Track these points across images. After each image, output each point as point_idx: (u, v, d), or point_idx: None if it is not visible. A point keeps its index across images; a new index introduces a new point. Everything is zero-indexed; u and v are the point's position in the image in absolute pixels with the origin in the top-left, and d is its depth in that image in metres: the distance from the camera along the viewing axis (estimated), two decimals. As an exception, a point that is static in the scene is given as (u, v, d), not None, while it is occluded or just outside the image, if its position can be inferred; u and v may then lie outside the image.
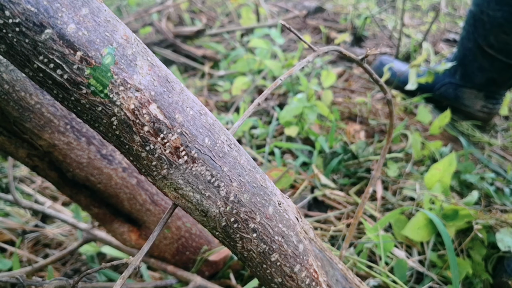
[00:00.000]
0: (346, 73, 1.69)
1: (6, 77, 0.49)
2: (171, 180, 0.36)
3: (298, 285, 0.45)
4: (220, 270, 0.82)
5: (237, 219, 0.39)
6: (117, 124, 0.33)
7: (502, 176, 1.09)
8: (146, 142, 0.34)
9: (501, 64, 1.17)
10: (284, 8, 2.37)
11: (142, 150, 0.34)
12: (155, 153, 0.34)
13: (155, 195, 0.68)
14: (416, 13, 2.43)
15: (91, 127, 0.34)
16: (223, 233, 0.40)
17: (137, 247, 0.72)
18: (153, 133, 0.34)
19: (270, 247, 0.42)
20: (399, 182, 1.06)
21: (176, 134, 0.34)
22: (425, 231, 0.82)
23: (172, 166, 0.35)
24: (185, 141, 0.35)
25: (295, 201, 1.00)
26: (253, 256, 0.42)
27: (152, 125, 0.33)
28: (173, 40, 1.87)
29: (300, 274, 0.44)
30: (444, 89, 1.33)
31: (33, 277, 0.61)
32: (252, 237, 0.41)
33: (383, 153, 0.60)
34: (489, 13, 1.11)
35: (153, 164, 0.35)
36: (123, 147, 0.35)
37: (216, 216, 0.38)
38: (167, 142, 0.34)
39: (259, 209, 0.40)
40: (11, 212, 1.06)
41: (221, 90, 1.60)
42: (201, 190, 0.37)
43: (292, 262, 0.44)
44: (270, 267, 0.43)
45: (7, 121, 0.53)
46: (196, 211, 0.38)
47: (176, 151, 0.35)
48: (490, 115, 1.30)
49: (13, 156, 0.59)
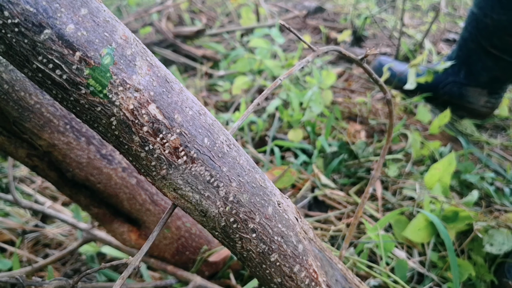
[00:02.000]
0: (346, 73, 1.69)
1: (5, 77, 0.49)
2: (170, 180, 0.36)
3: (298, 285, 0.45)
4: (220, 270, 0.82)
5: (236, 219, 0.39)
6: (116, 124, 0.33)
7: (502, 176, 1.09)
8: (145, 143, 0.34)
9: (506, 63, 1.18)
10: (284, 8, 2.37)
11: (141, 151, 0.34)
12: (154, 153, 0.34)
13: (155, 195, 0.68)
14: (416, 13, 2.43)
15: (91, 127, 0.34)
16: (222, 233, 0.40)
17: (137, 247, 0.72)
18: (152, 134, 0.34)
19: (269, 247, 0.42)
20: (398, 182, 1.06)
21: (175, 134, 0.34)
22: (425, 232, 0.82)
23: (171, 166, 0.35)
24: (184, 141, 0.35)
25: (296, 200, 1.00)
26: (253, 256, 0.42)
27: (151, 125, 0.33)
28: (173, 40, 1.87)
29: (299, 274, 0.44)
30: (449, 88, 1.34)
31: (33, 277, 0.61)
32: (251, 237, 0.41)
33: (383, 153, 0.60)
34: (493, 17, 1.11)
35: (152, 164, 0.35)
36: (122, 147, 0.35)
37: (216, 216, 0.38)
38: (166, 143, 0.34)
39: (258, 209, 0.40)
40: (11, 212, 1.06)
41: (221, 90, 1.60)
42: (200, 190, 0.37)
43: (292, 262, 0.44)
44: (269, 267, 0.43)
45: (7, 121, 0.53)
46: (196, 211, 0.38)
47: (175, 151, 0.35)
48: (493, 109, 1.31)
49: (12, 156, 0.59)
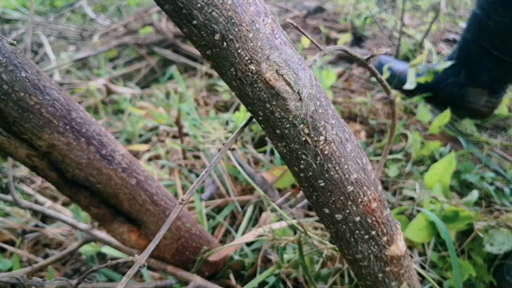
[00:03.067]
0: (345, 73, 1.69)
1: (5, 77, 0.49)
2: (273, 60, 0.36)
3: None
4: (219, 270, 0.83)
5: (321, 103, 0.40)
6: None
7: (502, 176, 1.09)
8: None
9: (507, 64, 1.18)
10: (284, 8, 2.37)
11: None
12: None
13: (155, 195, 0.68)
14: (416, 13, 2.43)
15: None
16: (311, 124, 0.40)
17: (137, 247, 0.72)
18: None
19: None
20: (398, 182, 1.06)
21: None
22: (425, 232, 0.82)
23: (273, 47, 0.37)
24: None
25: (297, 200, 1.00)
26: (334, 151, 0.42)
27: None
28: (173, 40, 1.87)
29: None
30: (449, 88, 1.34)
31: (33, 277, 0.61)
32: (332, 124, 0.41)
33: (384, 153, 0.60)
34: (496, 19, 1.11)
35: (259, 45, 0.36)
36: None
37: (307, 98, 0.39)
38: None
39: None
40: (11, 212, 1.06)
41: (221, 90, 1.60)
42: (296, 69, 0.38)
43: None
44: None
45: (7, 121, 0.53)
46: (293, 94, 0.38)
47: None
48: (493, 108, 1.32)
49: (12, 157, 0.58)
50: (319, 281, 0.79)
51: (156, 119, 1.41)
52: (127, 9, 2.64)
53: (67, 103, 0.57)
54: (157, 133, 1.39)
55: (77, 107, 0.59)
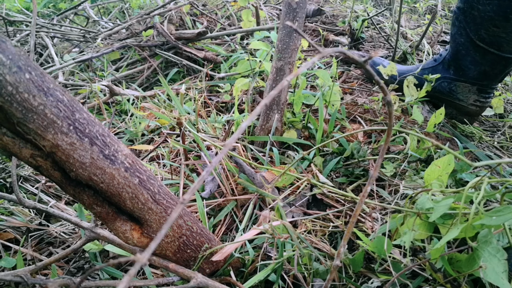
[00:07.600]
0: (344, 74, 1.70)
1: (9, 79, 0.50)
2: None
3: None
4: (220, 267, 0.84)
5: None
6: None
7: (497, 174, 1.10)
8: None
9: (493, 56, 1.19)
10: (285, 9, 2.38)
11: None
12: None
13: (157, 194, 0.69)
14: (413, 15, 2.44)
15: None
16: None
17: (139, 245, 0.74)
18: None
19: None
20: (395, 181, 1.07)
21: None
22: (423, 230, 0.83)
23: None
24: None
25: (295, 199, 1.01)
26: None
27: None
28: (175, 42, 1.89)
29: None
30: (439, 83, 1.36)
31: (37, 275, 0.62)
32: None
33: (381, 153, 0.61)
34: (479, 8, 1.13)
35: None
36: None
37: None
38: None
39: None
40: (15, 210, 1.07)
41: (222, 91, 1.62)
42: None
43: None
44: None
45: (11, 122, 0.54)
46: None
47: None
48: (482, 109, 1.33)
49: (16, 157, 0.59)
50: (317, 277, 0.80)
51: (159, 120, 1.43)
52: (129, 12, 2.67)
53: (71, 104, 0.58)
54: (159, 134, 1.41)
55: (80, 108, 0.60)
